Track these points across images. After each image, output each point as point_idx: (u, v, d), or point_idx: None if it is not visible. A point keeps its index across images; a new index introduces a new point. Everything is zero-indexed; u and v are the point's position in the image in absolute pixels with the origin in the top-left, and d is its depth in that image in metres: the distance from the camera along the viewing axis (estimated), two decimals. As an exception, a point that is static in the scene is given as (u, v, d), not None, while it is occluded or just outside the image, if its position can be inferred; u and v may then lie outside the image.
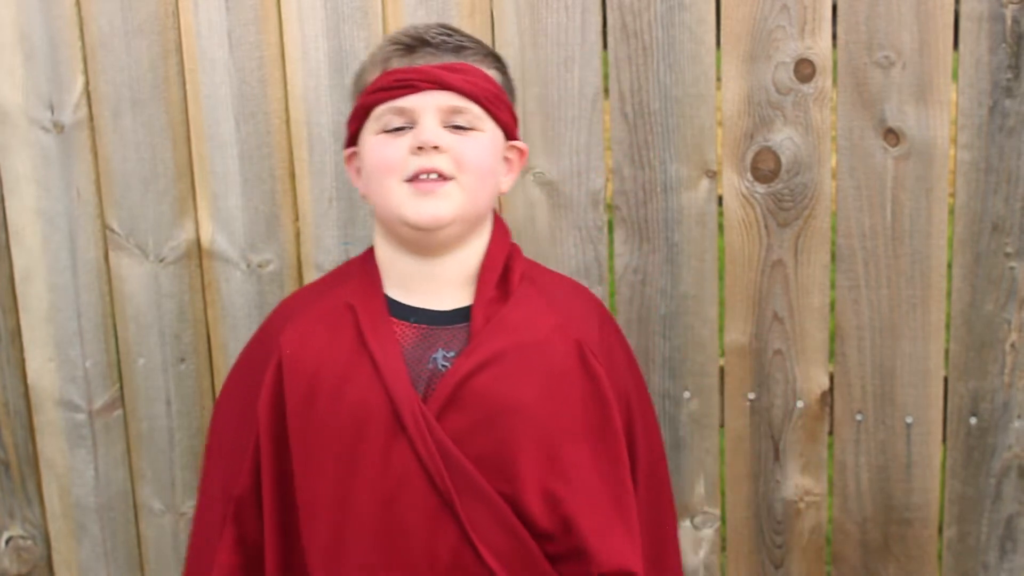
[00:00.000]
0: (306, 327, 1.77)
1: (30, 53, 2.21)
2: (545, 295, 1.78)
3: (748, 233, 2.10)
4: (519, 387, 1.69)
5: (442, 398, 1.68)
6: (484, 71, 1.73)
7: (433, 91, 1.68)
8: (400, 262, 1.76)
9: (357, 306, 1.75)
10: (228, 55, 2.17)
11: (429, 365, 1.72)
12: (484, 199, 1.74)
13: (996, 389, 2.08)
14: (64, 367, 2.33)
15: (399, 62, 1.72)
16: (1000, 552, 2.14)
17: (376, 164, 1.71)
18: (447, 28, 1.76)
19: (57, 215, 2.27)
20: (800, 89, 2.03)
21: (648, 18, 2.05)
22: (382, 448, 1.69)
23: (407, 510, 1.68)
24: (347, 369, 1.72)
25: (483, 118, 1.72)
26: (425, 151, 1.68)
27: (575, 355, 1.73)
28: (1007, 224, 2.02)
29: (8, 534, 2.41)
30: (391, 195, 1.70)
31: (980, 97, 1.99)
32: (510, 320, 1.73)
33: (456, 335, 1.73)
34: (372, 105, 1.71)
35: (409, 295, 1.76)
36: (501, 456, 1.69)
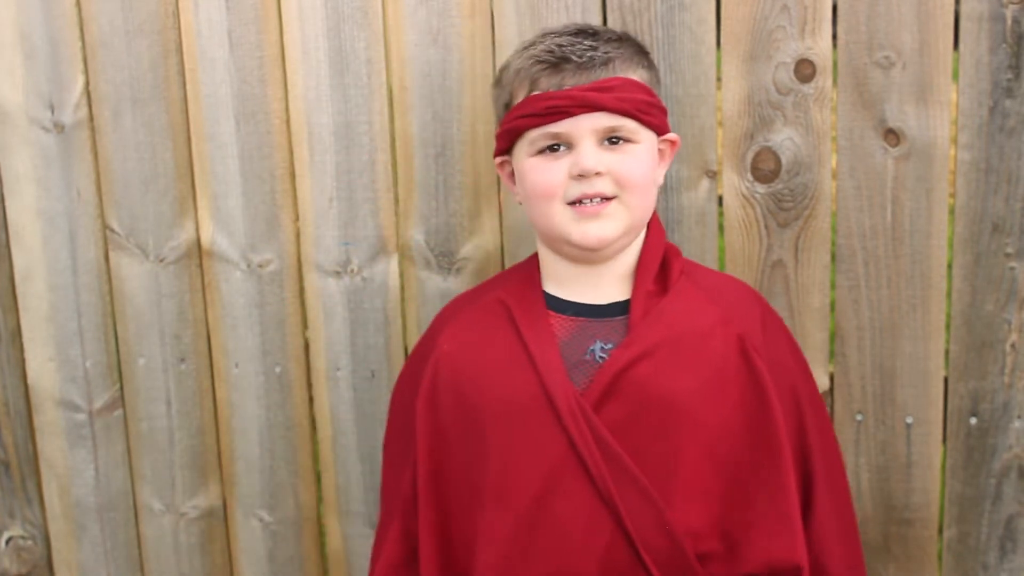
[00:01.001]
0: (463, 325, 1.80)
1: (30, 53, 2.21)
2: (704, 289, 1.79)
3: (748, 233, 2.10)
4: (679, 379, 1.70)
5: (600, 389, 1.69)
6: (634, 79, 1.74)
7: (587, 114, 1.70)
8: (560, 265, 1.79)
9: (512, 302, 1.77)
10: (228, 55, 2.17)
11: (587, 356, 1.73)
12: (646, 208, 1.77)
13: (996, 389, 2.08)
14: (64, 367, 2.33)
15: (547, 83, 1.72)
16: (1000, 552, 2.14)
17: (537, 189, 1.73)
18: (589, 35, 1.75)
19: (57, 215, 2.27)
20: (800, 89, 2.03)
21: (648, 18, 2.05)
22: (538, 440, 1.69)
23: (563, 502, 1.68)
24: (503, 362, 1.73)
25: (638, 130, 1.74)
26: (587, 178, 1.70)
27: (736, 349, 1.73)
28: (1007, 224, 2.02)
29: (8, 534, 2.41)
30: (555, 217, 1.73)
31: (980, 97, 1.99)
32: (669, 312, 1.74)
33: (614, 327, 1.75)
34: (524, 128, 1.73)
35: (567, 290, 1.78)
36: (658, 449, 1.69)
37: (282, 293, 2.25)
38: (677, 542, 1.68)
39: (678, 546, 1.68)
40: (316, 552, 2.36)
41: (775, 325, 1.85)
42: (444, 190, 2.16)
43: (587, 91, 1.70)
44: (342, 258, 2.20)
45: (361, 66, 2.14)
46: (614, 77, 1.72)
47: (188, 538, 2.38)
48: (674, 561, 1.68)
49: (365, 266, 2.21)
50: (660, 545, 1.68)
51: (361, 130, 2.16)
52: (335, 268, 2.21)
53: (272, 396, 2.29)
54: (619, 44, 1.76)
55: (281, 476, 2.32)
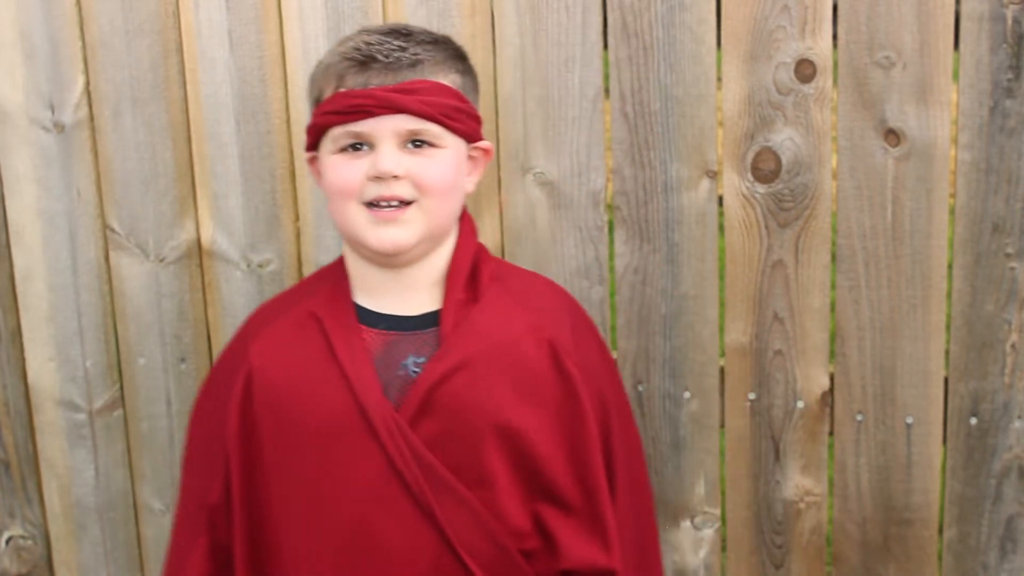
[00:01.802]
0: (275, 338, 1.76)
1: (30, 52, 2.21)
2: (515, 295, 1.77)
3: (748, 233, 2.10)
4: (491, 389, 1.69)
5: (414, 405, 1.68)
6: (442, 83, 1.70)
7: (389, 115, 1.66)
8: (367, 271, 1.75)
9: (324, 315, 1.74)
10: (229, 55, 2.17)
11: (400, 372, 1.71)
12: (447, 215, 1.73)
13: (996, 390, 2.08)
14: (64, 367, 2.33)
15: (353, 80, 1.68)
16: (1000, 553, 2.14)
17: (335, 186, 1.70)
18: (401, 36, 1.72)
19: (57, 215, 2.27)
20: (801, 89, 2.03)
21: (649, 18, 2.05)
22: (355, 458, 1.68)
23: (383, 520, 1.68)
24: (317, 379, 1.71)
25: (443, 135, 1.69)
26: (384, 180, 1.67)
27: (548, 355, 1.73)
28: (1007, 224, 2.02)
29: (8, 534, 2.41)
30: (351, 219, 1.69)
31: (981, 97, 1.99)
32: (480, 322, 1.72)
33: (426, 340, 1.72)
34: (328, 125, 1.70)
35: (378, 302, 1.75)
36: (475, 461, 1.69)
37: (282, 293, 2.25)
38: (502, 546, 1.69)
39: (503, 549, 1.69)
40: (316, 552, 2.36)
41: (584, 328, 1.84)
42: (444, 190, 2.16)
43: (390, 92, 1.66)
44: (342, 258, 2.20)
45: (361, 66, 2.13)
46: (421, 80, 1.68)
47: (187, 538, 2.38)
48: (500, 563, 1.69)
49: (365, 266, 2.20)
50: (486, 551, 1.68)
51: (361, 130, 2.16)
52: (335, 268, 2.21)
53: (272, 396, 2.29)
54: (432, 47, 1.72)
55: (281, 476, 2.32)
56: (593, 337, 1.86)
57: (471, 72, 1.77)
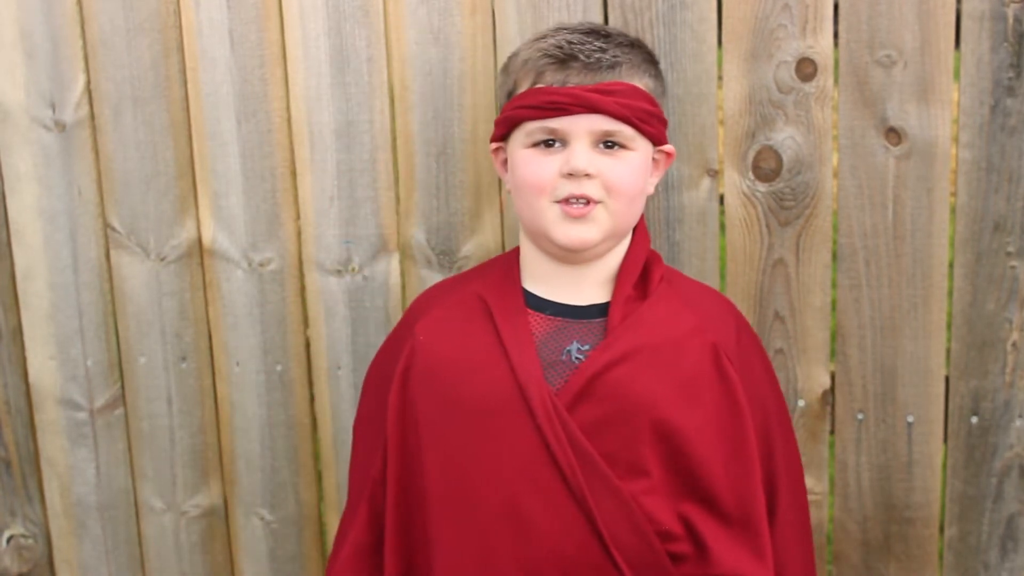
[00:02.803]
0: (440, 317, 1.80)
1: (31, 51, 2.21)
2: (683, 297, 1.79)
3: (749, 232, 2.10)
4: (653, 383, 1.70)
5: (575, 390, 1.69)
6: (638, 86, 1.73)
7: (586, 115, 1.69)
8: (541, 261, 1.79)
9: (490, 297, 1.77)
10: (229, 53, 2.17)
11: (563, 357, 1.73)
12: (632, 215, 1.77)
13: (997, 388, 2.08)
14: (65, 366, 2.33)
15: (552, 77, 1.72)
16: (1001, 551, 2.14)
17: (526, 181, 1.74)
18: (600, 36, 1.75)
19: (58, 214, 2.27)
20: (802, 88, 2.03)
21: (649, 16, 2.05)
22: (510, 437, 1.69)
23: (533, 501, 1.68)
24: (478, 357, 1.73)
25: (635, 138, 1.73)
26: (576, 177, 1.70)
27: (710, 357, 1.74)
28: (1008, 223, 2.02)
29: (9, 532, 2.41)
30: (541, 214, 1.73)
31: (982, 96, 1.99)
32: (647, 318, 1.74)
33: (592, 329, 1.75)
34: (522, 119, 1.72)
35: (547, 289, 1.78)
36: (630, 453, 1.69)
37: (283, 292, 2.25)
38: (649, 542, 1.68)
39: (650, 546, 1.68)
40: (317, 551, 2.36)
41: (750, 340, 1.86)
42: (445, 189, 2.16)
43: (589, 92, 1.70)
44: (343, 257, 2.20)
45: (362, 65, 2.14)
46: (618, 82, 1.72)
47: (189, 537, 2.38)
48: (645, 560, 1.69)
49: (366, 265, 2.21)
50: (632, 544, 1.68)
51: (362, 129, 2.16)
52: (336, 267, 2.21)
53: (273, 395, 2.29)
54: (629, 49, 1.76)
55: (282, 475, 2.32)
56: (757, 348, 1.88)
57: (662, 76, 1.82)
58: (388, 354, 1.86)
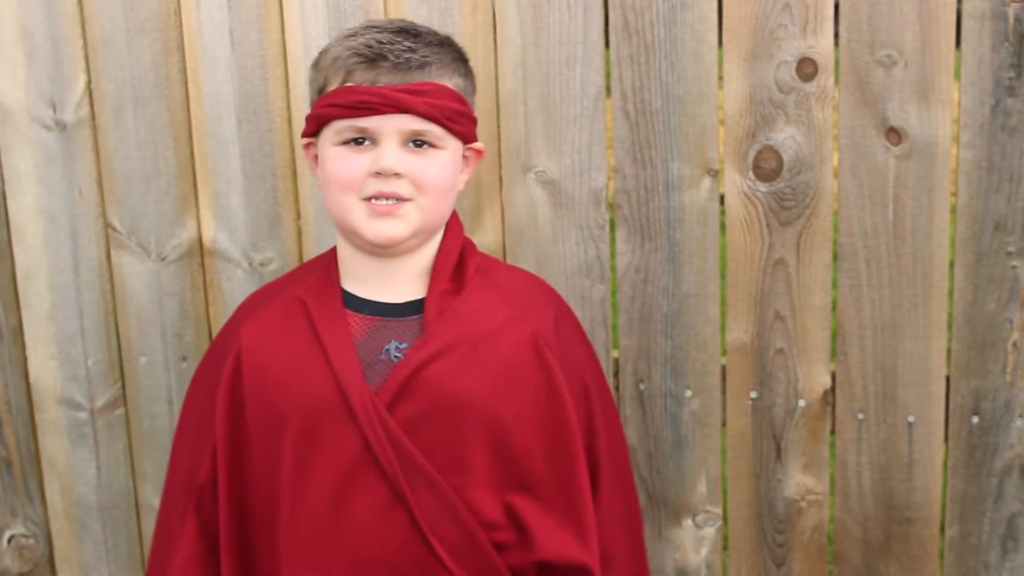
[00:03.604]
0: (264, 322, 1.80)
1: (32, 51, 2.21)
2: (499, 287, 1.80)
3: (750, 232, 2.10)
4: (471, 378, 1.71)
5: (393, 388, 1.70)
6: (447, 86, 1.73)
7: (395, 114, 1.69)
8: (357, 259, 1.79)
9: (310, 300, 1.78)
10: (230, 53, 2.17)
11: (382, 356, 1.74)
12: (441, 212, 1.77)
13: (998, 388, 2.08)
14: (66, 365, 2.33)
15: (362, 76, 1.71)
16: (1002, 551, 2.14)
17: (335, 178, 1.73)
18: (411, 36, 1.74)
19: (59, 214, 2.27)
20: (802, 88, 2.03)
21: (650, 16, 2.05)
22: (333, 439, 1.71)
23: (358, 501, 1.70)
24: (300, 361, 1.74)
25: (444, 137, 1.73)
26: (385, 176, 1.70)
27: (528, 347, 1.75)
28: (1009, 223, 2.02)
29: (10, 532, 2.41)
30: (349, 211, 1.73)
31: (982, 96, 1.99)
32: (463, 312, 1.75)
33: (409, 327, 1.76)
34: (332, 117, 1.72)
35: (364, 288, 1.79)
36: (451, 447, 1.71)
37: (284, 292, 2.25)
38: (471, 533, 1.70)
39: (472, 537, 1.71)
40: (317, 550, 2.36)
41: (568, 323, 1.87)
42: (446, 189, 2.16)
43: (399, 92, 1.69)
44: (344, 257, 2.20)
45: (363, 65, 2.13)
46: (428, 82, 1.71)
47: (186, 536, 2.38)
48: (469, 552, 1.71)
49: (367, 265, 2.20)
50: (454, 538, 1.71)
51: (363, 129, 2.16)
52: (337, 267, 2.21)
53: (274, 395, 2.29)
54: (439, 49, 1.75)
55: (283, 475, 2.32)
56: (577, 332, 1.89)
57: (471, 75, 1.81)
58: (214, 359, 1.85)
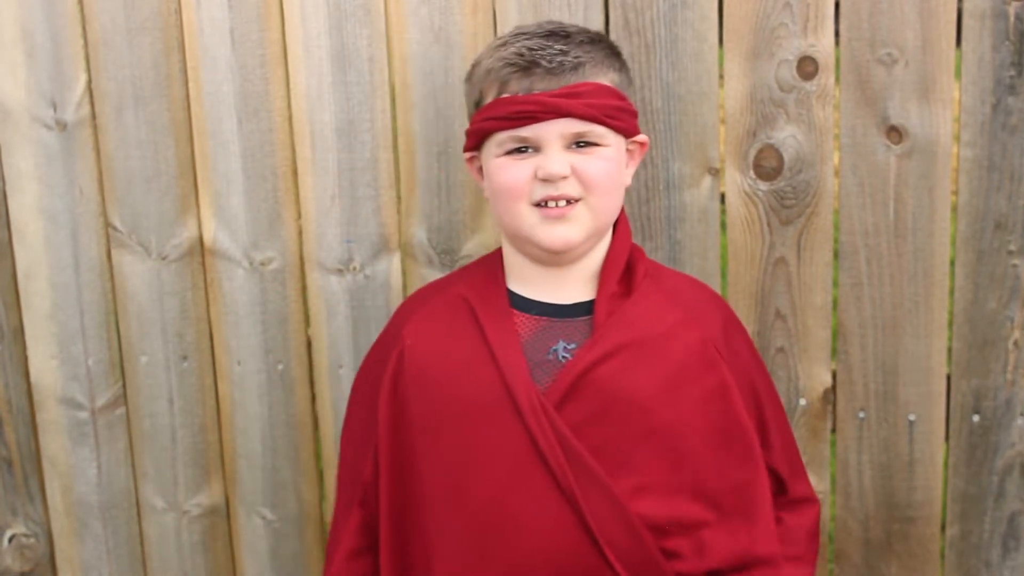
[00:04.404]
0: (427, 320, 1.81)
1: (32, 51, 2.21)
2: (667, 291, 1.80)
3: (751, 231, 2.10)
4: (641, 380, 1.70)
5: (562, 388, 1.69)
6: (603, 83, 1.73)
7: (555, 120, 1.69)
8: (525, 264, 1.79)
9: (475, 299, 1.78)
10: (231, 52, 2.17)
11: (549, 356, 1.73)
12: (612, 210, 1.77)
13: (999, 387, 2.08)
14: (66, 365, 2.33)
15: (517, 85, 1.72)
16: (1003, 550, 2.14)
17: (503, 188, 1.73)
18: (561, 38, 1.74)
19: (60, 213, 2.27)
20: (803, 87, 2.03)
21: (651, 15, 2.05)
22: (499, 437, 1.70)
23: (524, 501, 1.69)
24: (466, 359, 1.74)
25: (606, 135, 1.73)
26: (552, 180, 1.70)
27: (698, 350, 1.75)
28: (1010, 222, 2.02)
29: (11, 532, 2.41)
30: (521, 219, 1.73)
31: (983, 95, 1.99)
32: (632, 314, 1.75)
33: (577, 328, 1.75)
34: (492, 130, 1.73)
35: (531, 289, 1.79)
36: (620, 449, 1.70)
37: (284, 291, 2.25)
38: (640, 538, 1.68)
39: (641, 542, 1.68)
40: (319, 550, 2.36)
41: (735, 327, 1.87)
42: (446, 188, 2.16)
43: (555, 97, 1.69)
44: (344, 256, 2.20)
45: (363, 64, 2.14)
46: (583, 82, 1.71)
47: (190, 536, 2.38)
48: (638, 557, 1.69)
49: (367, 264, 2.21)
50: (623, 541, 1.68)
51: (363, 128, 2.16)
52: (337, 266, 2.21)
53: (274, 394, 2.29)
54: (591, 47, 1.75)
55: (283, 474, 2.32)
56: (743, 336, 1.88)
57: (626, 67, 1.81)
58: (376, 359, 1.86)
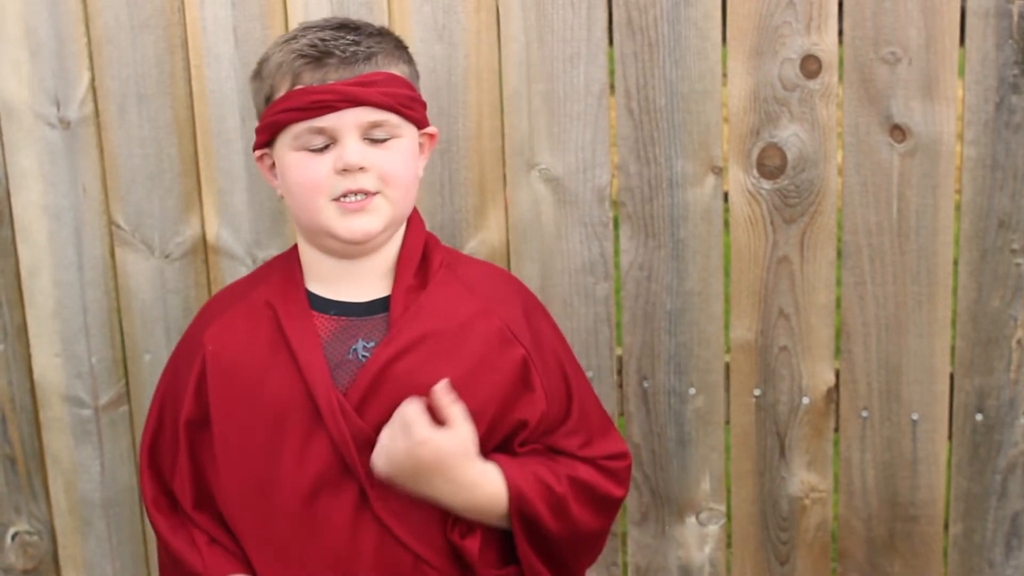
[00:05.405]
0: (228, 325, 1.80)
1: (36, 49, 2.21)
2: (464, 281, 1.80)
3: (754, 229, 2.10)
4: (440, 372, 1.70)
5: (362, 388, 1.70)
6: (395, 74, 1.74)
7: (351, 108, 1.69)
8: (321, 261, 1.79)
9: (276, 302, 1.77)
10: (234, 50, 2.17)
11: (349, 356, 1.74)
12: (409, 202, 1.78)
13: (1002, 386, 2.08)
14: (70, 363, 2.33)
15: (310, 77, 1.71)
16: (1006, 549, 2.13)
17: (301, 183, 1.73)
18: (351, 30, 1.75)
19: (63, 211, 2.27)
20: (806, 85, 2.03)
21: (654, 14, 2.05)
22: (302, 441, 1.70)
23: (328, 503, 1.70)
24: (267, 363, 1.74)
25: (401, 125, 1.73)
26: (351, 172, 1.70)
27: (496, 339, 1.75)
28: (1013, 220, 2.02)
29: (14, 530, 2.41)
30: (319, 213, 1.72)
31: (987, 93, 1.98)
32: (428, 307, 1.75)
33: (376, 325, 1.75)
34: (288, 122, 1.71)
35: (330, 289, 1.78)
36: None
37: (287, 289, 2.25)
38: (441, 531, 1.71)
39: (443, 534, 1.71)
40: (321, 548, 2.36)
41: (536, 310, 1.87)
42: (449, 186, 2.16)
43: (351, 86, 1.69)
44: (347, 254, 2.20)
45: (366, 62, 2.13)
46: (377, 72, 1.71)
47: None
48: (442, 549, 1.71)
49: (370, 262, 2.21)
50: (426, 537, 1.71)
51: (366, 126, 2.16)
52: (340, 264, 2.21)
53: (277, 392, 2.29)
54: (381, 39, 1.76)
55: (286, 472, 2.32)
56: (546, 319, 1.89)
57: (413, 61, 1.82)
58: (179, 365, 1.85)
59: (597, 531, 1.82)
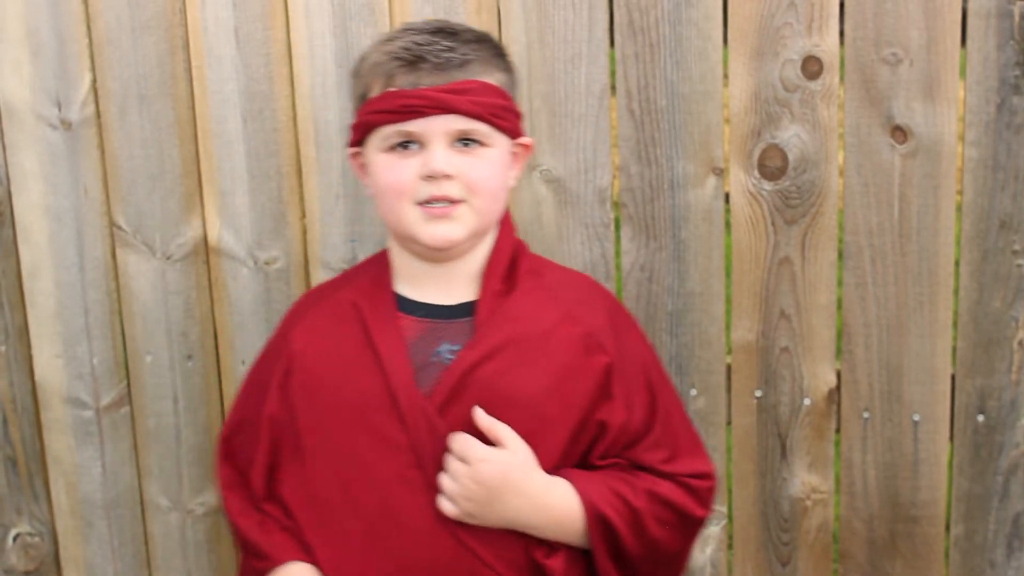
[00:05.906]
0: (315, 324, 1.80)
1: (37, 50, 2.21)
2: (550, 288, 1.80)
3: (755, 230, 2.10)
4: (523, 378, 1.71)
5: (445, 390, 1.70)
6: (490, 83, 1.73)
7: (441, 116, 1.69)
8: (411, 263, 1.79)
9: (363, 302, 1.78)
10: (235, 52, 2.17)
11: (434, 359, 1.73)
12: (495, 211, 1.77)
13: (1004, 387, 2.08)
14: (71, 364, 2.33)
15: (403, 80, 1.70)
16: (1007, 550, 2.13)
17: (387, 185, 1.73)
18: (448, 35, 1.74)
19: (64, 212, 2.27)
20: (807, 86, 2.03)
21: (655, 15, 2.05)
22: (383, 441, 1.71)
23: (406, 504, 1.70)
24: (352, 363, 1.74)
25: (491, 134, 1.72)
26: (436, 179, 1.70)
27: (580, 346, 1.74)
28: (1015, 221, 2.02)
29: (16, 531, 2.41)
30: (404, 216, 1.72)
31: (988, 94, 1.98)
32: (513, 312, 1.75)
33: (461, 329, 1.75)
34: (377, 124, 1.72)
35: (417, 291, 1.78)
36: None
37: (289, 290, 2.25)
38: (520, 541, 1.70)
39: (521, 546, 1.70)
40: (323, 549, 2.36)
41: (624, 321, 1.86)
42: (451, 187, 2.16)
43: (442, 92, 1.68)
44: (349, 255, 2.20)
45: (368, 63, 2.13)
46: (470, 80, 1.70)
47: (195, 535, 2.39)
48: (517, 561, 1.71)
49: (372, 263, 2.21)
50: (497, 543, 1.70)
51: (368, 127, 2.16)
52: (342, 265, 2.21)
53: (279, 393, 2.29)
54: (478, 46, 1.74)
55: (288, 473, 2.32)
56: (634, 329, 1.88)
57: (512, 69, 1.80)
58: (266, 363, 1.86)
59: (676, 550, 1.80)
